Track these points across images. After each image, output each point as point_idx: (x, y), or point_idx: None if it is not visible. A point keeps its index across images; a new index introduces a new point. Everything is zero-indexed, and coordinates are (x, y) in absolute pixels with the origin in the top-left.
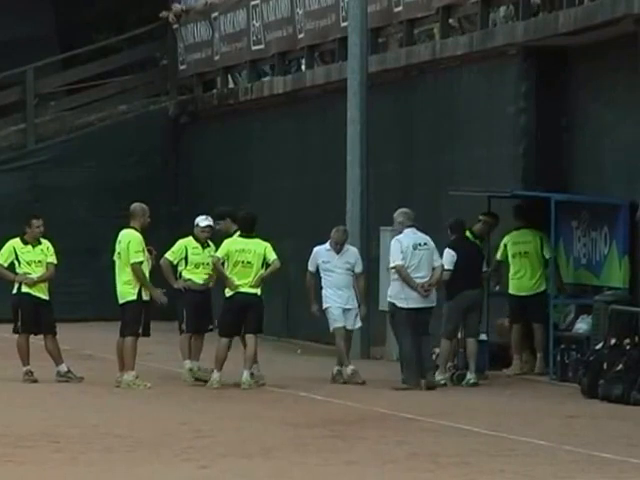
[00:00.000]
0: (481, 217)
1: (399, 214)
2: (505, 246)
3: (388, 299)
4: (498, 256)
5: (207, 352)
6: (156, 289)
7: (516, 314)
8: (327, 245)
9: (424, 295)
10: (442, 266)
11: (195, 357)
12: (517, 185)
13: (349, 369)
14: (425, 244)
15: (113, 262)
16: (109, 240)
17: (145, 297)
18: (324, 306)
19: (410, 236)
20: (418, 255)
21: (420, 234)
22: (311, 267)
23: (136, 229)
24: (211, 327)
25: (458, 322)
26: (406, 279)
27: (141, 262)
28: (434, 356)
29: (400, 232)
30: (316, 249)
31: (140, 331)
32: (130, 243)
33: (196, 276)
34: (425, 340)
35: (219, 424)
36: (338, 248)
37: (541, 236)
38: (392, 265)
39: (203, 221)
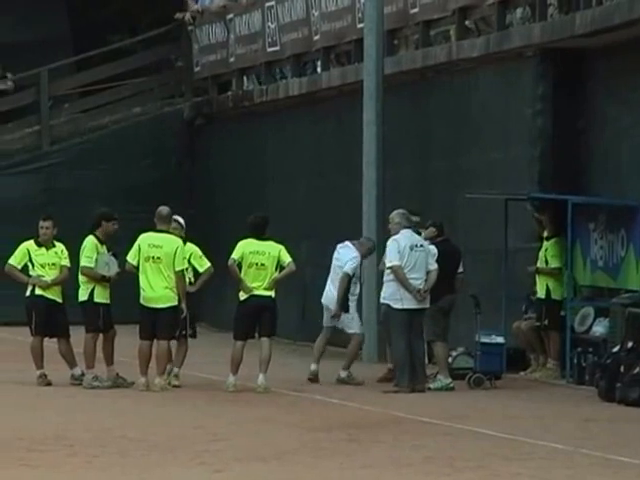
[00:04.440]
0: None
1: (396, 215)
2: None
3: (382, 300)
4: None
5: (223, 356)
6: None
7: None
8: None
9: (420, 300)
10: (437, 270)
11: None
12: (534, 187)
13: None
14: (421, 246)
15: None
16: (123, 242)
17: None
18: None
19: (407, 237)
20: (414, 256)
21: (417, 236)
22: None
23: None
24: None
25: (444, 324)
26: (402, 280)
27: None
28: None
29: (397, 232)
30: None
31: (184, 332)
32: (178, 249)
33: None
34: (419, 343)
35: (234, 428)
36: None
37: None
38: (389, 265)
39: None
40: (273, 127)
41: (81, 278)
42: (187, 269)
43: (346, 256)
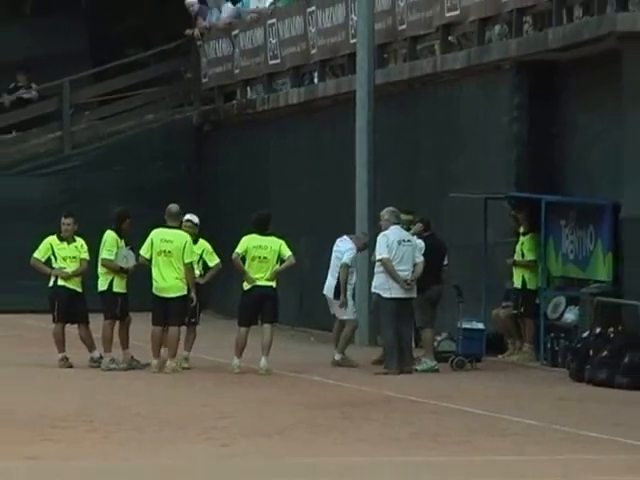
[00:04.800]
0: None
1: (386, 212)
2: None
3: (373, 290)
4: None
5: (229, 341)
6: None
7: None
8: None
9: (407, 289)
10: (423, 262)
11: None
12: (511, 188)
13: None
14: (409, 241)
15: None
16: (135, 238)
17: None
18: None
19: (396, 232)
20: (402, 250)
21: (405, 231)
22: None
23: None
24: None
25: (432, 312)
26: (391, 271)
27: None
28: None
29: (387, 228)
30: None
31: (193, 320)
32: (187, 244)
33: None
34: (407, 329)
35: (239, 406)
36: None
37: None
38: (378, 257)
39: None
40: (275, 133)
41: (100, 269)
42: (198, 262)
43: (344, 248)
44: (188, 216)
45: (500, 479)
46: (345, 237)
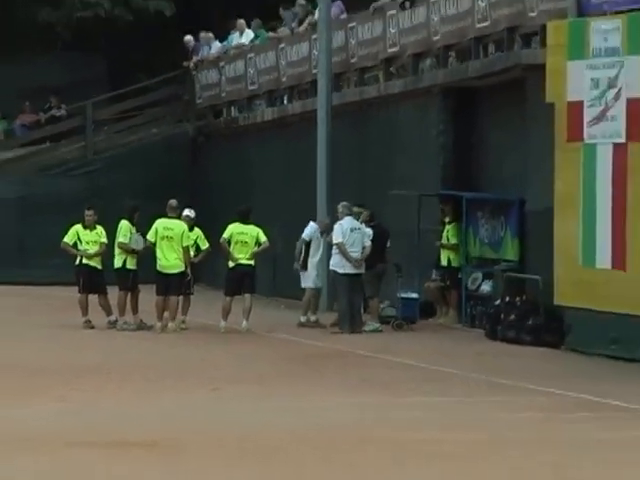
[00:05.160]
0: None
1: (341, 206)
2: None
3: (330, 267)
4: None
5: (217, 307)
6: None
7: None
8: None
9: (357, 266)
10: (370, 246)
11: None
12: (439, 187)
13: (313, 317)
14: (359, 228)
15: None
16: (144, 226)
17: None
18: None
19: (349, 222)
20: (354, 236)
21: (356, 221)
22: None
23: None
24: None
25: (378, 285)
26: (345, 253)
27: (229, 240)
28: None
29: (342, 218)
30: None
31: (188, 291)
32: (184, 231)
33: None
34: (357, 298)
35: (225, 359)
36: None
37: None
38: (335, 242)
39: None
40: (254, 143)
41: (116, 250)
42: (192, 246)
43: (306, 230)
44: (186, 211)
45: (428, 413)
46: (311, 223)
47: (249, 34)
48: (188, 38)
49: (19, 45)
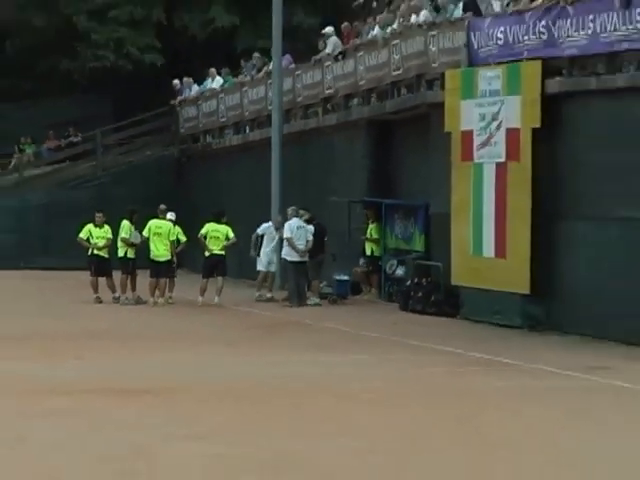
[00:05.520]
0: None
1: (290, 209)
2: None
3: (282, 256)
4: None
5: (196, 287)
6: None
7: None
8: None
9: (302, 256)
10: (312, 240)
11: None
12: (364, 195)
13: (269, 294)
14: (303, 227)
15: (142, 236)
16: (140, 225)
17: (170, 257)
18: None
19: (296, 221)
20: (300, 232)
21: (301, 221)
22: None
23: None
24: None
25: (318, 270)
26: (293, 246)
27: (205, 236)
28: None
29: (290, 219)
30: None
31: (174, 274)
32: (171, 229)
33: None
34: (303, 280)
35: (203, 327)
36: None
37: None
38: (285, 237)
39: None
40: (224, 163)
41: (119, 243)
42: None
43: (260, 226)
44: (169, 215)
45: (359, 368)
46: (264, 223)
47: (219, 80)
48: (175, 82)
49: (46, 88)
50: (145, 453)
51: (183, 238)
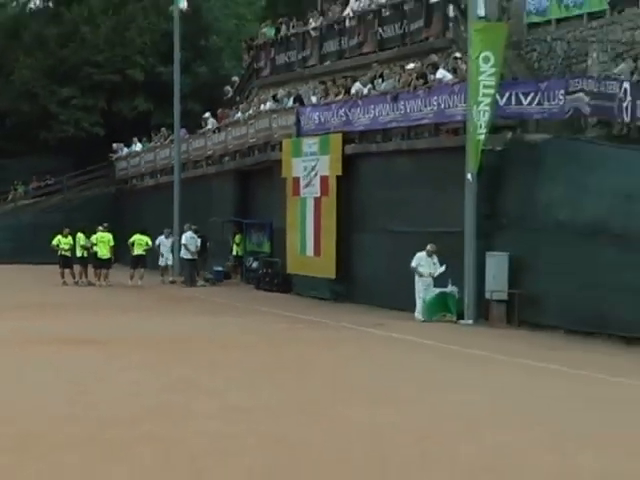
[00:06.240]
0: (194, 227)
1: (186, 226)
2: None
3: (181, 256)
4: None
5: (127, 274)
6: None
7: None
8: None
9: (194, 255)
10: (199, 244)
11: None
12: (232, 216)
13: (171, 279)
14: (194, 237)
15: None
16: (90, 236)
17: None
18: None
19: (190, 234)
20: (192, 241)
21: (194, 233)
22: None
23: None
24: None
25: (204, 264)
26: (188, 248)
27: (133, 243)
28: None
29: (186, 232)
30: None
31: (111, 266)
32: (109, 239)
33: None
34: (194, 270)
35: (129, 299)
36: None
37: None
38: (183, 243)
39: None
40: (144, 197)
41: (78, 247)
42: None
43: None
44: (100, 227)
45: (232, 326)
46: (162, 236)
47: (139, 145)
48: (114, 145)
49: (32, 149)
50: (98, 378)
51: (111, 243)
